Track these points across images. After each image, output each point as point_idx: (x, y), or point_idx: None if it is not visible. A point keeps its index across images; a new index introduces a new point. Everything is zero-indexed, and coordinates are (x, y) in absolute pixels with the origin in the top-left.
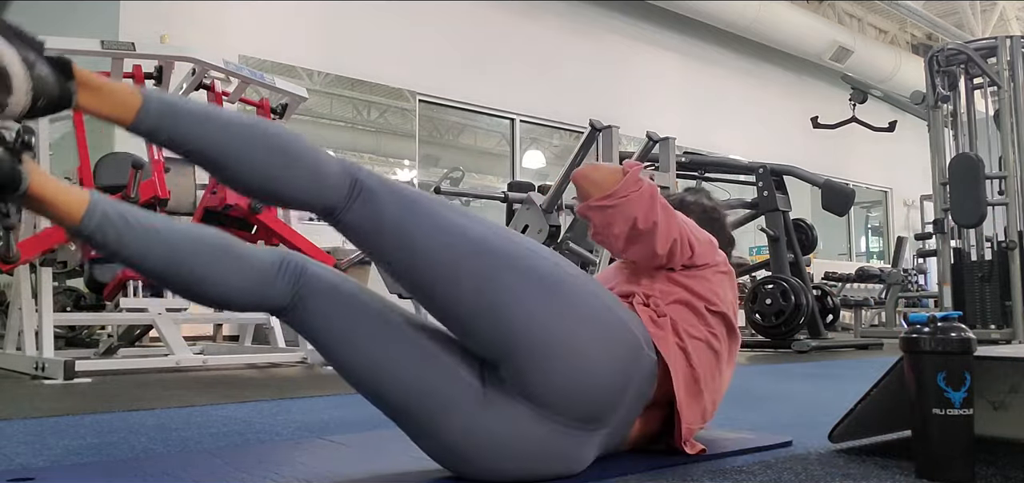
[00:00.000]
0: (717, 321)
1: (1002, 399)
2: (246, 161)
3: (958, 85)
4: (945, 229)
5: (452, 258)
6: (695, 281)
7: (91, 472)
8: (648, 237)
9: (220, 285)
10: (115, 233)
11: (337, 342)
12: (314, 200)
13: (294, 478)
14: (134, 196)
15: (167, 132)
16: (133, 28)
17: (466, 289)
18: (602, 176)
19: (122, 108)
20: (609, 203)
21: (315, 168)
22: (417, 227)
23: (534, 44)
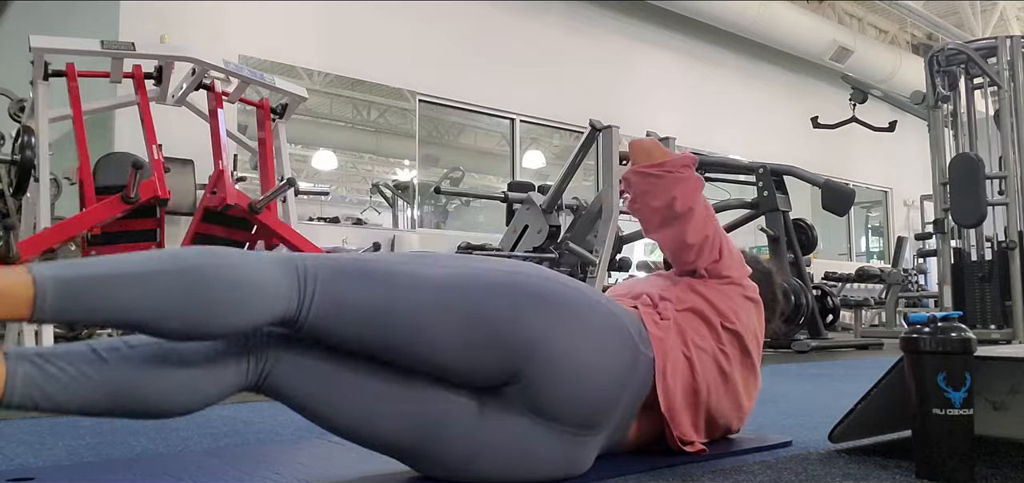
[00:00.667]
0: (730, 339)
1: (1002, 399)
2: (177, 311)
3: (958, 85)
4: (945, 229)
5: (434, 311)
6: (715, 293)
7: (91, 472)
8: (682, 222)
9: (176, 402)
10: (42, 393)
11: (316, 406)
12: (267, 316)
13: (294, 478)
14: (134, 196)
15: (73, 314)
16: (133, 28)
17: (458, 334)
18: (654, 148)
19: (12, 305)
20: (655, 171)
21: (256, 282)
22: (389, 295)
23: (534, 44)
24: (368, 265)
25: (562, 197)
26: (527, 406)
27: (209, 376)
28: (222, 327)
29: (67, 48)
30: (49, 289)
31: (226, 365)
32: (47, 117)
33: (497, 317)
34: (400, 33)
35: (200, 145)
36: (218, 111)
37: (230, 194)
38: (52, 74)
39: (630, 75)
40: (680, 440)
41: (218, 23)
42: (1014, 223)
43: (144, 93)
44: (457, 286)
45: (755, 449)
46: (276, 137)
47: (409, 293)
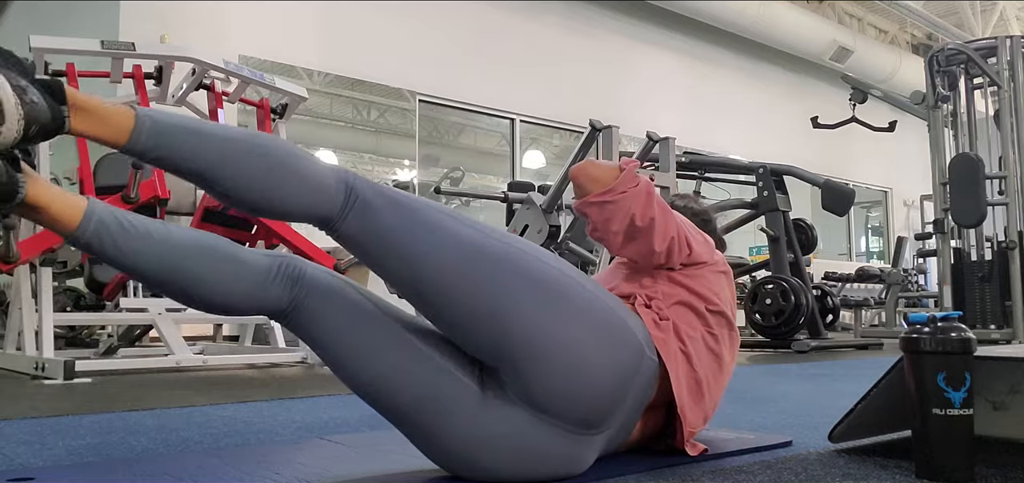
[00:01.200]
0: (717, 321)
1: (1002, 399)
2: (242, 177)
3: (958, 85)
4: (945, 229)
5: (451, 264)
6: (694, 281)
7: (91, 472)
8: (646, 234)
9: (217, 290)
10: (111, 240)
11: (334, 345)
12: (310, 212)
13: (294, 478)
14: (134, 196)
15: (160, 152)
16: (133, 28)
17: (465, 295)
18: (600, 172)
19: (115, 130)
20: (607, 198)
21: (311, 180)
22: (414, 235)
23: (534, 44)
24: (410, 203)
25: (562, 197)
26: (523, 397)
27: (253, 282)
28: (278, 203)
29: (67, 48)
30: (146, 125)
31: (269, 279)
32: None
33: (502, 295)
34: (400, 33)
35: None
36: (218, 111)
37: None
38: (52, 74)
39: (630, 75)
40: (685, 440)
41: (218, 23)
42: (1014, 223)
43: (144, 93)
44: (486, 255)
45: (755, 449)
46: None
47: (440, 243)
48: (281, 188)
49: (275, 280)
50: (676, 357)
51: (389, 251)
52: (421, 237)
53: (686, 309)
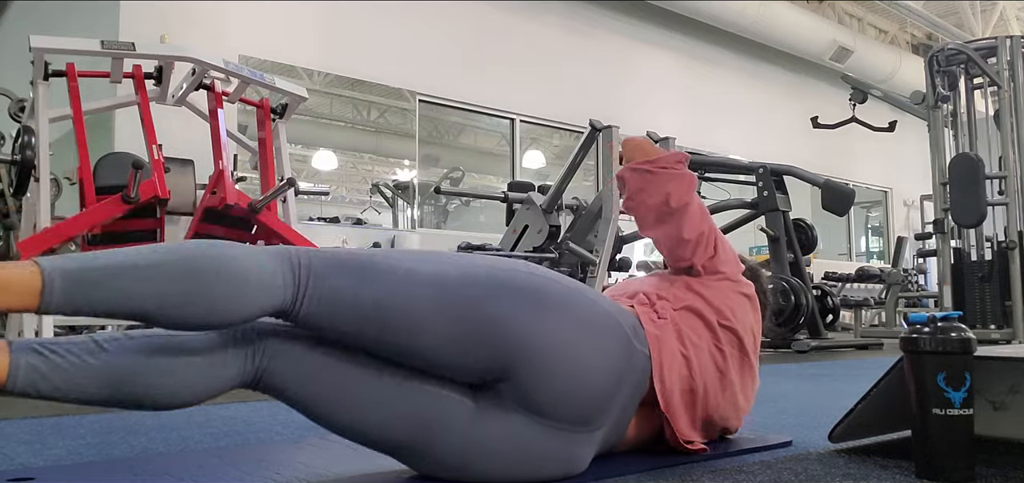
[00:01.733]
0: (727, 337)
1: (1002, 399)
2: (178, 302)
3: (958, 85)
4: (945, 229)
5: (427, 305)
6: (711, 291)
7: (91, 472)
8: (677, 218)
9: (176, 392)
10: (46, 380)
11: (313, 401)
12: (262, 308)
13: (294, 478)
14: (134, 196)
15: (78, 305)
16: (133, 28)
17: (450, 329)
18: (648, 145)
19: (21, 296)
20: (650, 168)
21: (251, 276)
22: (380, 289)
23: (534, 44)
24: (362, 259)
25: (562, 197)
26: (521, 404)
27: (207, 370)
28: (220, 316)
29: (67, 48)
30: (57, 281)
31: (224, 360)
32: (47, 117)
33: (488, 314)
34: (400, 33)
35: (200, 145)
36: (218, 111)
37: (230, 194)
38: (52, 74)
39: (630, 75)
40: (680, 438)
41: (218, 23)
42: (1014, 223)
43: (144, 93)
44: (451, 282)
45: (755, 449)
46: (276, 137)
47: (403, 287)
48: (223, 298)
49: (233, 357)
50: (669, 354)
51: (360, 315)
52: (389, 289)
53: (695, 316)
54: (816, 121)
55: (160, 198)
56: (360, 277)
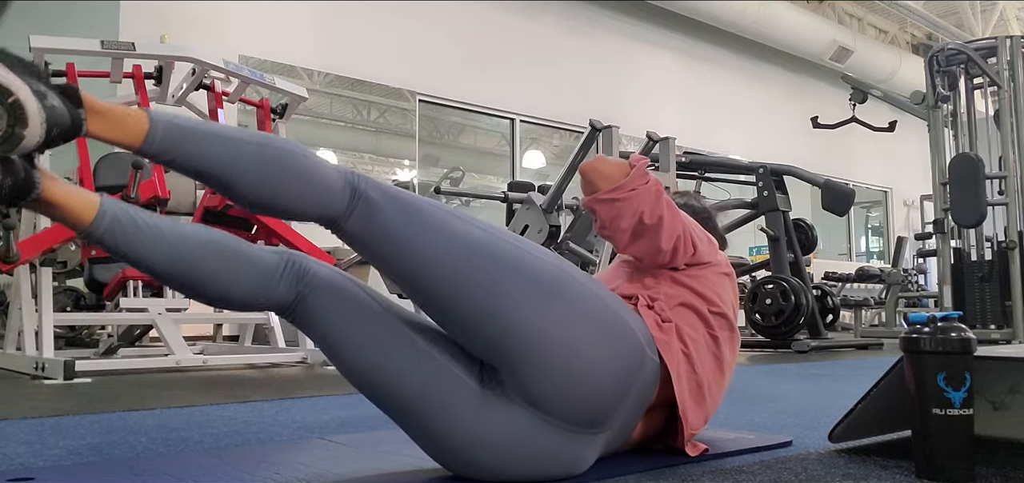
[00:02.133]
0: (719, 323)
1: (1002, 399)
2: (251, 179)
3: (958, 85)
4: (945, 229)
5: (453, 264)
6: (697, 282)
7: (91, 472)
8: (653, 233)
9: (224, 285)
10: (124, 235)
11: (337, 341)
12: (317, 212)
13: (294, 478)
14: (134, 196)
15: (173, 154)
16: (133, 28)
17: (466, 294)
18: (610, 169)
19: (130, 133)
20: (617, 195)
21: (318, 181)
22: (418, 234)
23: (534, 44)
24: (412, 201)
25: (562, 197)
26: (523, 396)
27: (261, 278)
28: (287, 204)
29: (67, 48)
30: (160, 128)
31: (276, 275)
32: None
33: (503, 292)
34: (400, 33)
35: None
36: (218, 111)
37: None
38: (52, 74)
39: (630, 75)
40: (686, 440)
41: (218, 23)
42: (1014, 223)
43: (144, 93)
44: (483, 252)
45: (755, 449)
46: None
47: (440, 241)
48: (289, 190)
49: (281, 277)
50: (678, 359)
51: (390, 248)
52: (421, 234)
53: (688, 311)
54: (816, 121)
55: (160, 198)
56: (405, 216)
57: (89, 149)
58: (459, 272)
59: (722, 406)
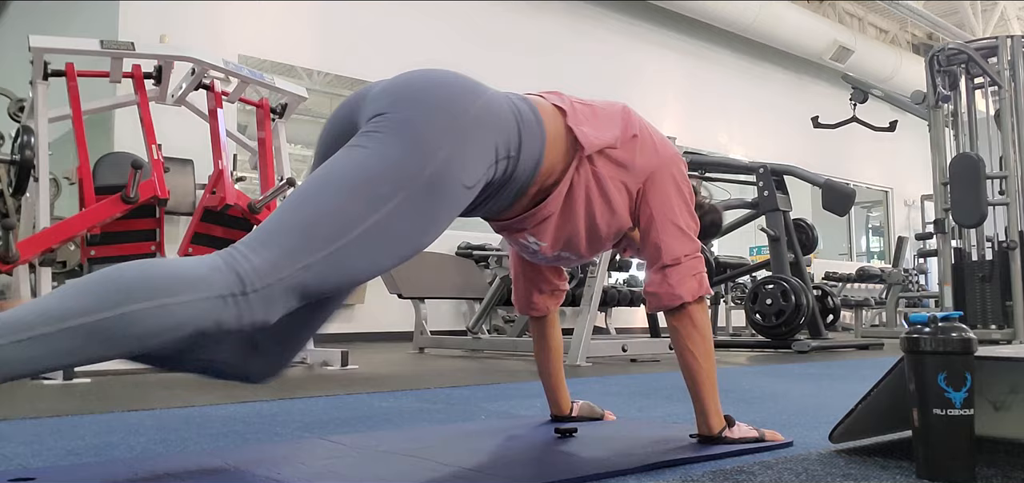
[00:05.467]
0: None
1: (1003, 399)
2: (118, 312)
3: (959, 85)
4: (946, 229)
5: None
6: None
7: (91, 472)
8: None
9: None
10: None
11: None
12: (211, 314)
13: (294, 478)
14: (133, 196)
15: (5, 360)
16: (133, 28)
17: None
18: None
19: None
20: None
21: (190, 271)
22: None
23: (534, 43)
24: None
25: None
26: None
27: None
28: (162, 329)
29: (67, 48)
30: None
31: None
32: (47, 117)
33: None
34: (400, 33)
35: (199, 145)
36: (218, 111)
37: (229, 194)
38: (52, 74)
39: (630, 75)
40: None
41: (218, 23)
42: (1015, 223)
43: (144, 93)
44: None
45: (755, 449)
46: (276, 137)
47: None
48: (160, 310)
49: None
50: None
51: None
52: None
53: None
54: (817, 121)
55: (159, 198)
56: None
57: (88, 149)
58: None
59: (722, 407)
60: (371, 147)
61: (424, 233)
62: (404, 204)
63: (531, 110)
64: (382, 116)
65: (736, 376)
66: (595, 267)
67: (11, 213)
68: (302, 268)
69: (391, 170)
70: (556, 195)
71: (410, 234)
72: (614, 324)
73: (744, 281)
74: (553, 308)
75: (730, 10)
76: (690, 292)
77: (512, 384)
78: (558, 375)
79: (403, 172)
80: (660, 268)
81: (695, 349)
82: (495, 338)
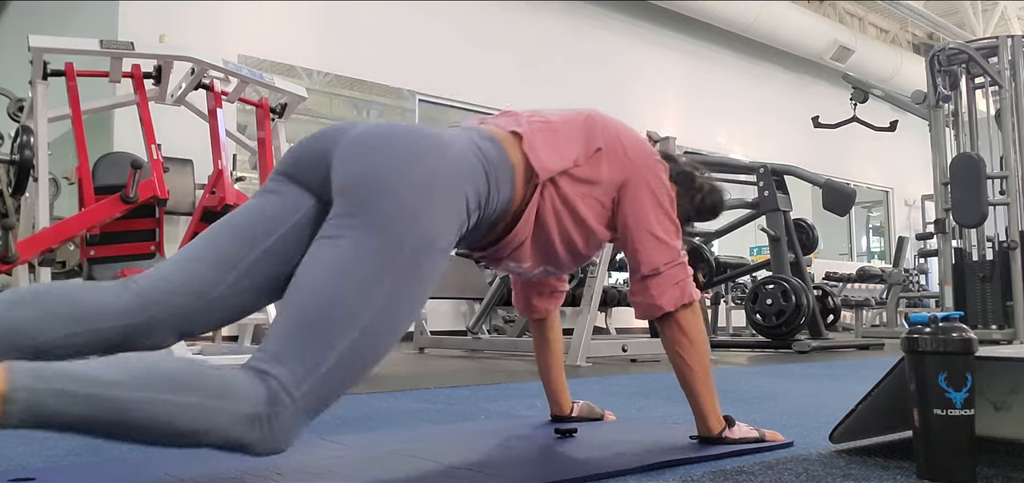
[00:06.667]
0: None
1: (1003, 399)
2: (159, 397)
3: (959, 85)
4: (946, 229)
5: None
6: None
7: (91, 472)
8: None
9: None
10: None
11: None
12: (241, 425)
13: (294, 478)
14: (133, 196)
15: (44, 405)
16: (133, 28)
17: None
18: None
19: None
20: None
21: (228, 377)
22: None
23: (535, 43)
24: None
25: None
26: None
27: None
28: (199, 428)
29: (66, 48)
30: (21, 394)
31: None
32: (46, 117)
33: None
34: (400, 33)
35: (199, 145)
36: (217, 111)
37: (229, 194)
38: (51, 74)
39: (630, 75)
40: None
41: (217, 23)
42: (1015, 223)
43: (143, 93)
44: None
45: (756, 449)
46: (276, 137)
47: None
48: (205, 407)
49: None
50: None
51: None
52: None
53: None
54: (817, 121)
55: (159, 198)
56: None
57: (88, 149)
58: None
59: (722, 407)
60: (351, 238)
61: (418, 302)
62: (396, 283)
63: (494, 146)
64: (349, 202)
65: (736, 376)
66: (595, 267)
67: (11, 213)
68: (322, 377)
69: (375, 255)
70: (524, 222)
71: (409, 308)
72: (614, 324)
73: (744, 281)
74: (553, 310)
75: (730, 10)
76: (672, 301)
77: (512, 384)
78: (559, 375)
79: (390, 260)
80: (640, 279)
81: (685, 354)
82: (495, 338)
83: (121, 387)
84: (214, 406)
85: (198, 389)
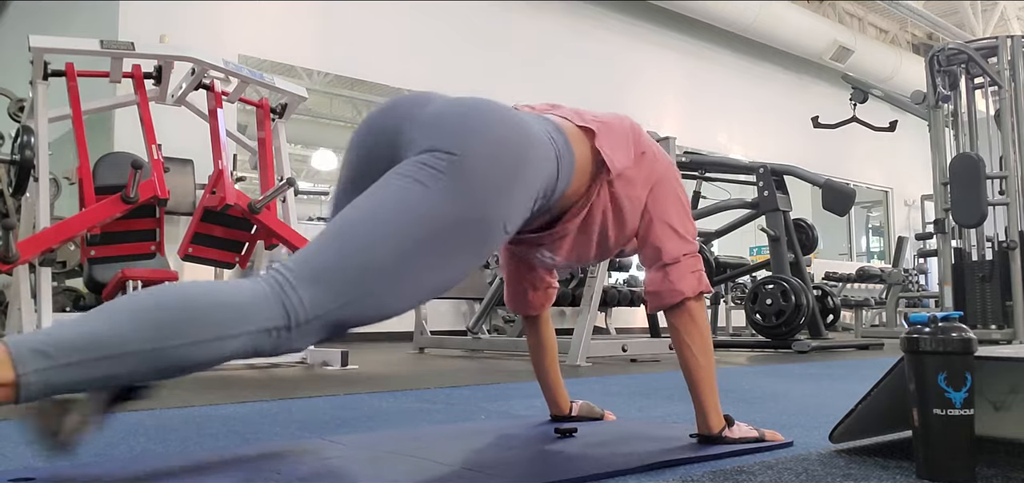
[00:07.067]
0: None
1: (1003, 399)
2: (169, 345)
3: (959, 85)
4: (946, 229)
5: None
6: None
7: (91, 472)
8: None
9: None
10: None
11: None
12: (255, 339)
13: (294, 478)
14: (133, 196)
15: (58, 382)
16: (133, 28)
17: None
18: None
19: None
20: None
21: (236, 302)
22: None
23: (534, 44)
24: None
25: None
26: None
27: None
28: (217, 352)
29: (66, 48)
30: (29, 361)
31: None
32: (47, 117)
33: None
34: (399, 32)
35: (199, 145)
36: (217, 111)
37: (229, 194)
38: (52, 74)
39: (630, 75)
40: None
41: (217, 23)
42: (1015, 223)
43: (143, 93)
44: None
45: (756, 449)
46: (276, 137)
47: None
48: (215, 332)
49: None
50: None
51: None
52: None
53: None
54: (817, 121)
55: (159, 198)
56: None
57: (88, 149)
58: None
59: (722, 407)
60: (429, 188)
61: (465, 270)
62: (456, 250)
63: (564, 139)
64: (440, 154)
65: (736, 376)
66: (595, 267)
67: (11, 213)
68: (344, 304)
69: (449, 218)
70: (575, 216)
71: (454, 274)
72: (614, 324)
73: (744, 281)
74: (547, 306)
75: (730, 10)
76: (690, 288)
77: (512, 384)
78: (555, 374)
79: (460, 222)
80: (660, 267)
81: (694, 346)
82: (495, 338)
83: (129, 343)
84: (227, 335)
85: (209, 324)
